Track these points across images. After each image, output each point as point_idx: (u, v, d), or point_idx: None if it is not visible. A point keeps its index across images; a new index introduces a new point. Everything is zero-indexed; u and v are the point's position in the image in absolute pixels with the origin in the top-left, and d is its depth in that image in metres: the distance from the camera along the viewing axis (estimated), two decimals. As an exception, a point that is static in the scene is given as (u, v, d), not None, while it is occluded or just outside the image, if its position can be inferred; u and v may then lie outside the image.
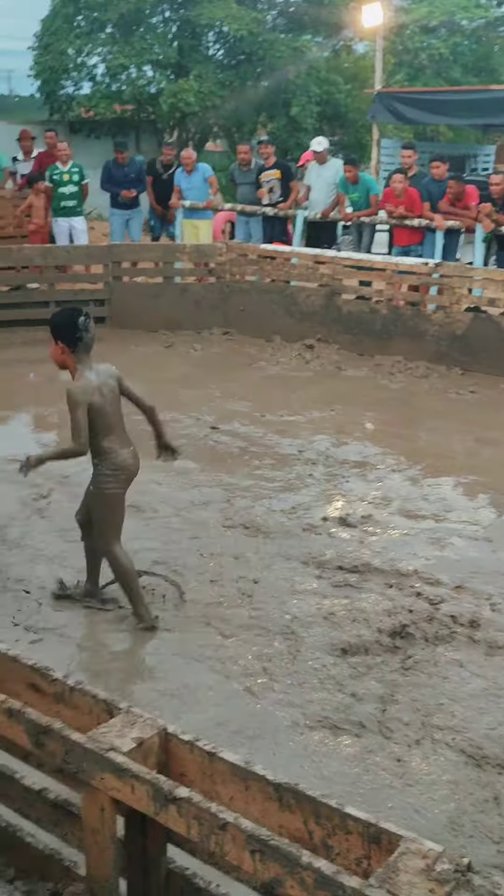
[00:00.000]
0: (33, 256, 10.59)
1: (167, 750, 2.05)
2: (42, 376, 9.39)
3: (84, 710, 2.21)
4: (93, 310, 10.61)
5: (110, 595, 4.78)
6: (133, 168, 12.03)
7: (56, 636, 4.43)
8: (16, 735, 2.13)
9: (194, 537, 5.46)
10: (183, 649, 4.35)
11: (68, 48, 17.98)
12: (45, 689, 2.28)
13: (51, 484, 6.19)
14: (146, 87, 18.01)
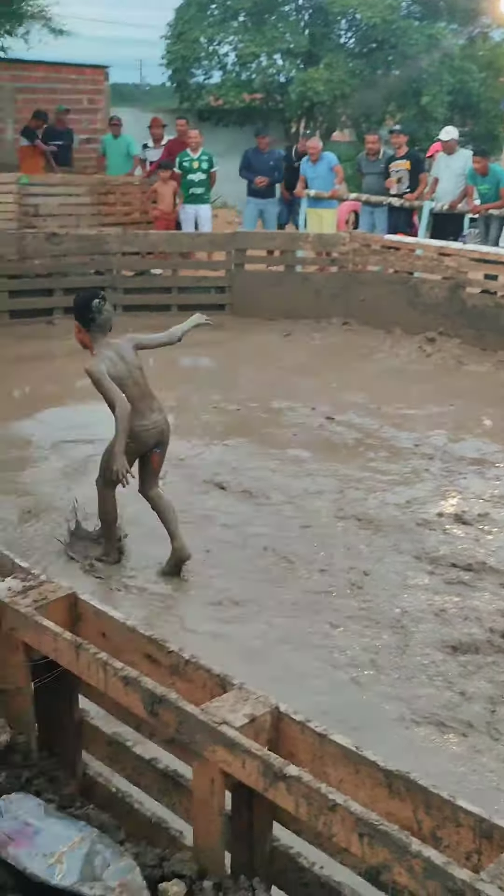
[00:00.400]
0: (158, 242, 10.79)
1: (278, 728, 2.07)
2: (161, 361, 9.56)
3: (198, 683, 2.25)
4: (214, 297, 10.86)
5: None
6: (272, 156, 12.08)
7: (166, 614, 4.52)
8: (131, 703, 2.19)
9: (306, 526, 5.48)
10: (290, 636, 4.37)
11: (200, 37, 18.17)
12: (161, 661, 2.33)
13: (167, 465, 6.29)
14: (276, 76, 18.05)
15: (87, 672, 2.30)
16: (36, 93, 16.22)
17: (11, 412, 7.47)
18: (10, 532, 5.29)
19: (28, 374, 8.59)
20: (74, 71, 16.84)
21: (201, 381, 8.63)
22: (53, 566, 4.86)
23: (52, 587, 2.56)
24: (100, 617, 2.48)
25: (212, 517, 5.56)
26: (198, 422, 7.36)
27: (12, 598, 2.47)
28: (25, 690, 2.51)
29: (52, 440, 6.74)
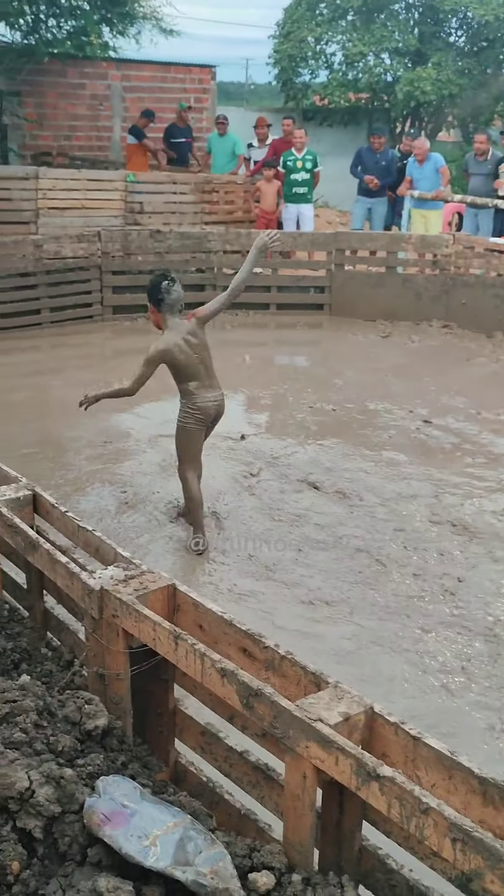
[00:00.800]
0: (260, 241, 10.84)
1: (371, 729, 2.09)
2: (258, 359, 9.65)
3: (292, 679, 2.28)
4: (313, 297, 10.87)
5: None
6: (385, 156, 12.02)
7: (257, 610, 4.56)
8: (227, 695, 2.23)
9: (399, 529, 5.45)
10: (381, 638, 4.36)
11: (308, 36, 18.16)
12: (257, 655, 2.37)
13: (261, 463, 6.36)
14: (383, 76, 17.91)
15: (185, 662, 2.35)
16: (144, 92, 16.51)
17: (111, 406, 7.62)
18: (109, 521, 5.42)
19: (127, 368, 8.73)
20: (182, 70, 17.06)
21: (297, 380, 8.65)
22: (148, 557, 4.97)
23: (152, 577, 2.63)
24: (198, 608, 2.53)
25: (305, 517, 5.58)
26: (293, 421, 7.38)
27: (115, 587, 2.55)
28: (124, 676, 2.59)
29: (149, 434, 6.87)
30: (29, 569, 3.25)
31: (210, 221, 12.58)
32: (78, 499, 5.71)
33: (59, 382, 8.21)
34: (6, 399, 7.72)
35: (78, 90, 15.99)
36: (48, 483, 5.81)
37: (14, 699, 2.37)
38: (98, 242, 10.13)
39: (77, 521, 3.05)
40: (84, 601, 2.63)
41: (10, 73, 14.39)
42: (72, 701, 2.50)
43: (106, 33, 14.49)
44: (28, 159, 15.37)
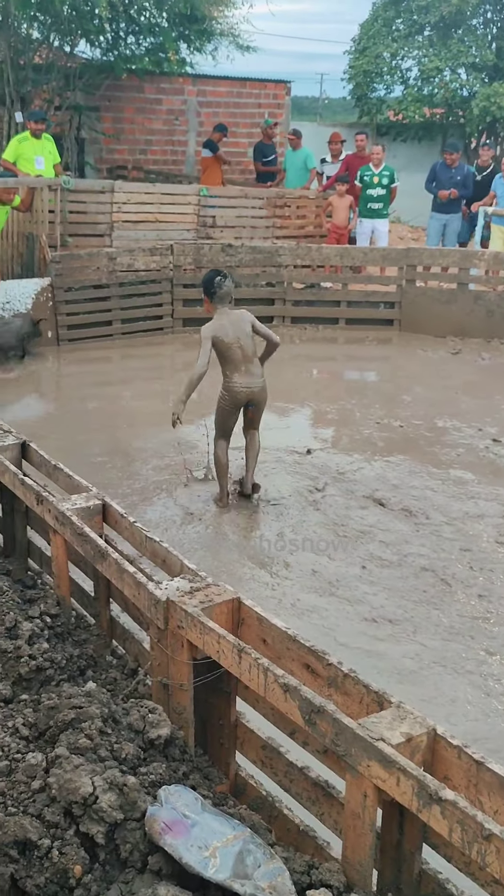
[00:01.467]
0: (331, 256, 10.88)
1: (434, 750, 2.07)
2: (326, 373, 9.66)
3: (355, 697, 2.28)
4: (383, 312, 10.84)
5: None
6: (460, 172, 11.96)
7: (320, 626, 4.56)
8: (289, 710, 2.24)
9: (465, 549, 5.40)
10: (444, 658, 4.32)
11: (384, 52, 18.15)
12: (320, 672, 2.38)
13: (327, 478, 6.36)
14: (459, 91, 17.79)
15: (248, 675, 2.37)
16: (219, 107, 16.70)
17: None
18: (174, 532, 5.48)
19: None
20: (257, 86, 17.21)
21: (365, 395, 8.64)
22: (213, 568, 5.00)
23: (217, 590, 2.65)
24: (262, 623, 2.55)
25: (370, 533, 5.56)
26: (360, 436, 7.37)
27: (181, 598, 2.58)
28: (187, 687, 2.61)
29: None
30: (97, 577, 3.30)
31: (281, 236, 12.64)
32: (144, 508, 5.78)
33: (129, 393, 8.33)
34: (77, 408, 7.86)
35: (154, 105, 16.25)
36: (116, 492, 5.90)
37: (80, 705, 2.42)
38: (170, 255, 10.27)
39: (145, 531, 3.10)
40: (150, 611, 2.66)
41: (90, 88, 14.71)
42: (136, 709, 2.54)
43: (183, 49, 14.70)
44: (104, 173, 15.67)
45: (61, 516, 3.20)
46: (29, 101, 13.77)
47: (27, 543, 4.02)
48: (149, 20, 13.95)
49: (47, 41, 13.99)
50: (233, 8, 14.00)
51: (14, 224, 9.94)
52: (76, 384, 8.56)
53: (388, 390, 8.89)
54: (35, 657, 2.86)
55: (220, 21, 14.14)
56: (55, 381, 8.84)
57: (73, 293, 9.77)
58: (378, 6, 18.92)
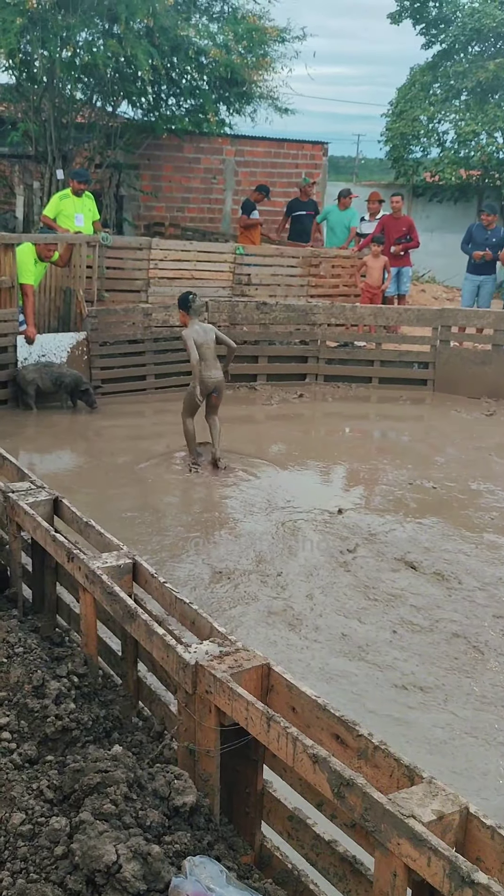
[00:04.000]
0: (365, 315, 10.97)
1: (466, 829, 2.04)
2: (358, 432, 9.68)
3: (385, 770, 2.25)
4: (417, 372, 10.88)
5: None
6: (496, 234, 12.09)
7: (348, 692, 4.51)
8: (318, 782, 2.21)
9: (499, 616, 5.33)
10: (476, 729, 4.25)
11: (421, 115, 18.51)
12: (349, 743, 2.35)
13: (357, 539, 6.34)
14: (495, 154, 18.04)
15: (276, 744, 2.35)
16: (257, 167, 17.04)
17: (208, 476, 7.75)
18: (202, 591, 5.47)
19: (228, 436, 8.89)
20: (295, 146, 17.56)
21: (398, 455, 8.63)
22: (240, 629, 4.98)
23: (247, 655, 2.64)
24: (291, 690, 2.53)
25: (401, 597, 5.51)
26: (392, 497, 7.35)
27: (210, 662, 2.57)
28: (214, 754, 2.59)
29: (247, 503, 6.94)
30: (125, 637, 3.30)
31: (316, 295, 12.79)
32: (173, 565, 5.78)
33: (161, 448, 8.38)
34: (109, 462, 7.93)
35: (193, 164, 16.63)
36: (145, 548, 5.92)
37: (106, 769, 2.41)
38: (205, 312, 10.38)
39: (175, 592, 3.10)
40: (178, 675, 2.66)
41: (130, 147, 15.09)
42: (161, 775, 2.52)
43: (223, 111, 15.06)
44: (141, 229, 16.00)
45: (92, 575, 3.22)
46: (70, 158, 14.14)
47: (56, 600, 4.03)
48: (190, 83, 14.32)
49: (90, 102, 14.41)
50: (273, 72, 14.34)
51: (52, 279, 10.14)
52: (108, 437, 8.65)
53: (421, 451, 8.88)
54: (61, 717, 2.85)
55: (260, 85, 14.48)
56: (88, 433, 8.93)
57: (109, 347, 9.92)
58: (416, 71, 19.36)
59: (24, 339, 9.23)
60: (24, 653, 3.12)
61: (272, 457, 8.40)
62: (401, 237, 12.68)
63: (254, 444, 8.74)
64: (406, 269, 12.92)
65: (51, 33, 12.14)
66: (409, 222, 12.94)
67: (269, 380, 10.70)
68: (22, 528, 3.93)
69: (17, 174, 15.66)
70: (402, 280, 12.93)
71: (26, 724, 2.85)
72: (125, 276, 11.83)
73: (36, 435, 8.73)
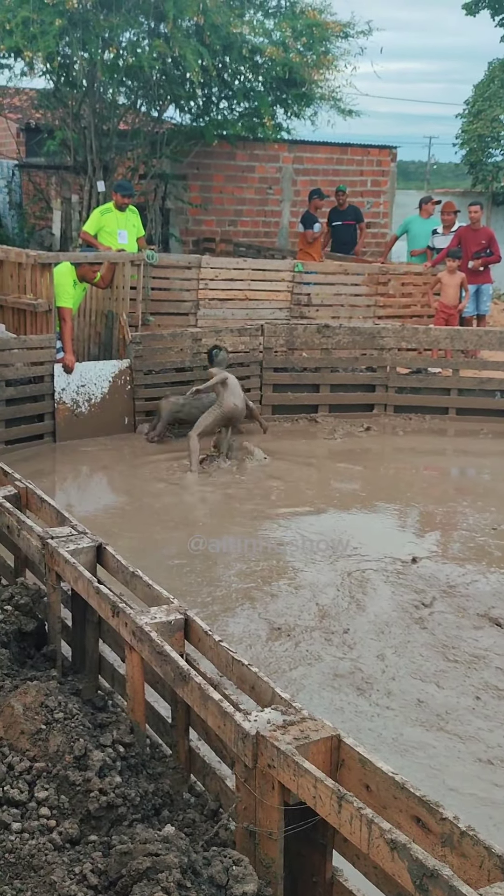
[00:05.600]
0: (440, 338, 10.95)
1: None
2: (434, 470, 9.62)
3: (474, 861, 2.21)
4: (500, 402, 10.80)
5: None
6: None
7: (423, 767, 4.45)
8: (396, 871, 2.19)
9: None
10: None
11: (501, 115, 18.60)
12: (432, 827, 2.32)
13: (434, 592, 6.29)
14: None
15: (348, 827, 2.33)
16: (318, 174, 17.20)
17: (261, 516, 7.76)
18: (259, 649, 5.46)
19: (286, 474, 8.91)
20: (360, 152, 17.70)
21: (479, 496, 8.55)
22: (302, 693, 4.96)
23: (314, 725, 2.63)
24: (365, 766, 2.51)
25: (485, 658, 5.44)
26: (473, 544, 7.28)
27: (272, 733, 2.57)
28: (277, 836, 2.58)
29: (308, 550, 6.92)
30: (176, 702, 3.31)
31: (384, 316, 12.80)
32: (226, 620, 5.79)
33: (209, 487, 8.43)
34: (154, 503, 7.98)
35: (246, 173, 16.84)
36: (195, 600, 5.94)
37: (157, 852, 2.41)
38: (260, 336, 10.50)
39: (232, 652, 3.11)
40: (237, 746, 2.65)
41: (177, 155, 15.34)
42: (218, 860, 2.51)
43: (280, 115, 15.26)
44: (190, 245, 16.22)
45: (139, 631, 3.24)
46: (112, 168, 14.43)
47: (98, 659, 4.06)
48: (243, 84, 14.55)
49: (134, 107, 14.72)
50: (335, 71, 14.51)
51: (93, 301, 10.32)
52: (150, 477, 8.71)
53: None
54: (106, 792, 2.86)
55: (321, 85, 14.66)
56: (130, 471, 9.02)
57: (154, 376, 10.03)
58: (495, 66, 19.47)
59: (61, 368, 9.37)
60: (65, 718, 3.14)
61: (335, 498, 8.39)
62: (480, 251, 12.68)
63: (315, 486, 8.74)
64: (486, 286, 12.92)
65: (92, 34, 12.46)
66: (490, 234, 12.95)
67: (332, 411, 10.71)
68: (62, 579, 3.97)
69: (53, 187, 16.04)
70: (482, 298, 12.93)
71: (67, 800, 2.87)
72: (172, 297, 11.98)
73: (74, 473, 8.84)
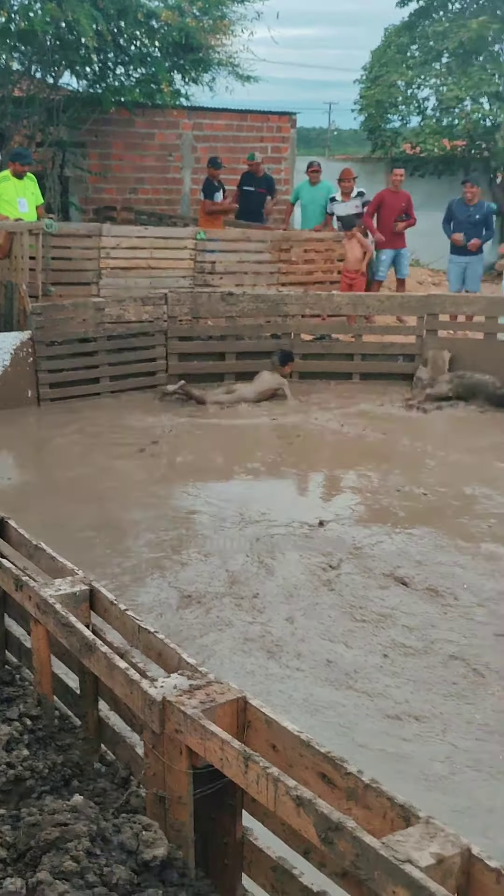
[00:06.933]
0: (342, 304, 11.02)
1: (469, 874, 2.04)
2: (339, 435, 9.70)
3: (378, 812, 2.25)
4: (402, 366, 10.94)
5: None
6: (480, 209, 12.19)
7: (332, 726, 4.53)
8: (303, 827, 2.22)
9: (501, 634, 5.38)
10: (479, 762, 4.28)
11: (399, 80, 18.68)
12: (337, 782, 2.35)
13: (341, 554, 6.37)
14: (481, 122, 18.23)
15: (255, 787, 2.35)
16: (218, 141, 17.09)
17: (170, 485, 7.76)
18: (169, 617, 5.47)
19: (195, 443, 8.91)
20: (259, 118, 17.63)
21: (384, 459, 8.67)
22: (213, 659, 4.99)
23: (220, 688, 2.64)
24: (271, 726, 2.54)
25: (391, 617, 5.54)
26: (378, 506, 7.39)
27: (179, 698, 2.57)
28: (186, 800, 2.59)
29: (217, 518, 6.94)
30: (83, 673, 3.29)
31: (287, 283, 12.83)
32: (136, 590, 5.78)
33: (119, 459, 8.37)
34: (61, 476, 7.90)
35: (146, 140, 16.64)
36: (104, 572, 5.91)
37: (65, 822, 2.40)
38: (164, 305, 10.42)
39: (138, 620, 3.10)
40: (144, 713, 2.65)
41: (75, 123, 15.08)
42: (128, 826, 2.51)
43: (178, 81, 15.11)
44: (90, 214, 15.99)
45: (43, 604, 3.21)
46: (8, 137, 14.12)
47: (4, 633, 4.01)
48: (140, 50, 14.35)
49: (28, 73, 14.39)
50: (232, 36, 14.42)
51: (-10, 272, 10.11)
52: (59, 449, 8.62)
53: (410, 454, 8.94)
54: (14, 766, 2.84)
55: (218, 50, 14.55)
56: (35, 445, 8.90)
57: (57, 348, 9.89)
58: (391, 32, 19.53)
59: (-40, 341, 9.18)
60: (-30, 694, 3.11)
61: (244, 465, 8.42)
62: (399, 214, 12.76)
63: (221, 451, 8.75)
64: (404, 250, 12.97)
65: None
66: (408, 198, 13.05)
67: (238, 378, 10.71)
68: (-37, 555, 3.90)
69: None
70: (402, 262, 12.99)
71: (-26, 775, 2.84)
72: (73, 267, 11.81)
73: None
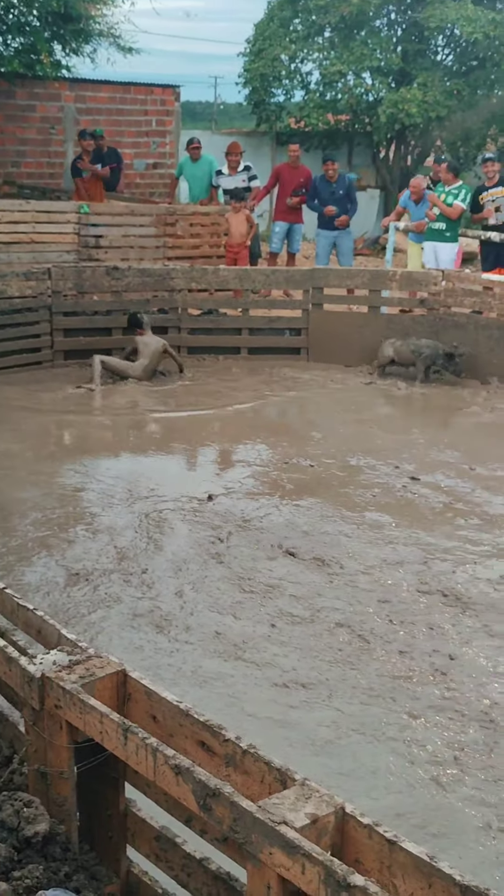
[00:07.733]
0: (229, 279, 11.02)
1: (343, 831, 2.10)
2: (226, 409, 9.73)
3: (255, 776, 2.29)
4: (289, 340, 11.02)
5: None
6: (342, 185, 12.34)
7: (221, 697, 4.57)
8: (182, 795, 2.24)
9: (384, 601, 5.49)
10: (363, 725, 4.37)
11: (282, 54, 18.64)
12: (216, 750, 2.38)
13: (230, 527, 6.40)
14: (364, 96, 18.37)
15: (136, 758, 2.36)
16: (101, 114, 16.85)
17: (58, 463, 7.67)
18: (56, 596, 5.42)
19: (81, 421, 8.82)
20: (143, 91, 17.45)
21: (271, 432, 8.74)
22: (101, 636, 4.97)
23: (100, 662, 2.64)
24: (151, 697, 2.55)
25: (279, 587, 5.61)
26: (266, 479, 7.45)
27: (57, 674, 2.56)
28: (68, 775, 2.59)
29: (103, 496, 6.90)
30: (-38, 652, 3.24)
31: (173, 257, 12.76)
32: (22, 570, 5.71)
33: (4, 435, 8.22)
34: None
35: (27, 112, 16.30)
36: (-12, 552, 5.82)
37: None
38: (48, 280, 10.25)
39: (16, 598, 3.06)
40: (24, 690, 2.63)
41: (-49, 93, 14.67)
42: (8, 804, 2.50)
43: (58, 51, 14.81)
44: (-30, 188, 15.59)
45: None
46: None
47: None
48: (18, 18, 14.01)
49: None
50: (112, 6, 14.20)
51: None
52: None
53: (296, 426, 9.03)
54: None
55: (99, 20, 14.32)
56: None
57: None
58: (273, 5, 19.43)
59: None
60: None
61: (130, 442, 8.38)
62: (297, 188, 12.80)
63: (110, 430, 8.69)
64: (298, 226, 13.07)
65: None
66: (308, 173, 13.11)
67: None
68: None
69: None
70: (294, 237, 13.06)
71: None
72: (-48, 241, 11.52)
73: None
